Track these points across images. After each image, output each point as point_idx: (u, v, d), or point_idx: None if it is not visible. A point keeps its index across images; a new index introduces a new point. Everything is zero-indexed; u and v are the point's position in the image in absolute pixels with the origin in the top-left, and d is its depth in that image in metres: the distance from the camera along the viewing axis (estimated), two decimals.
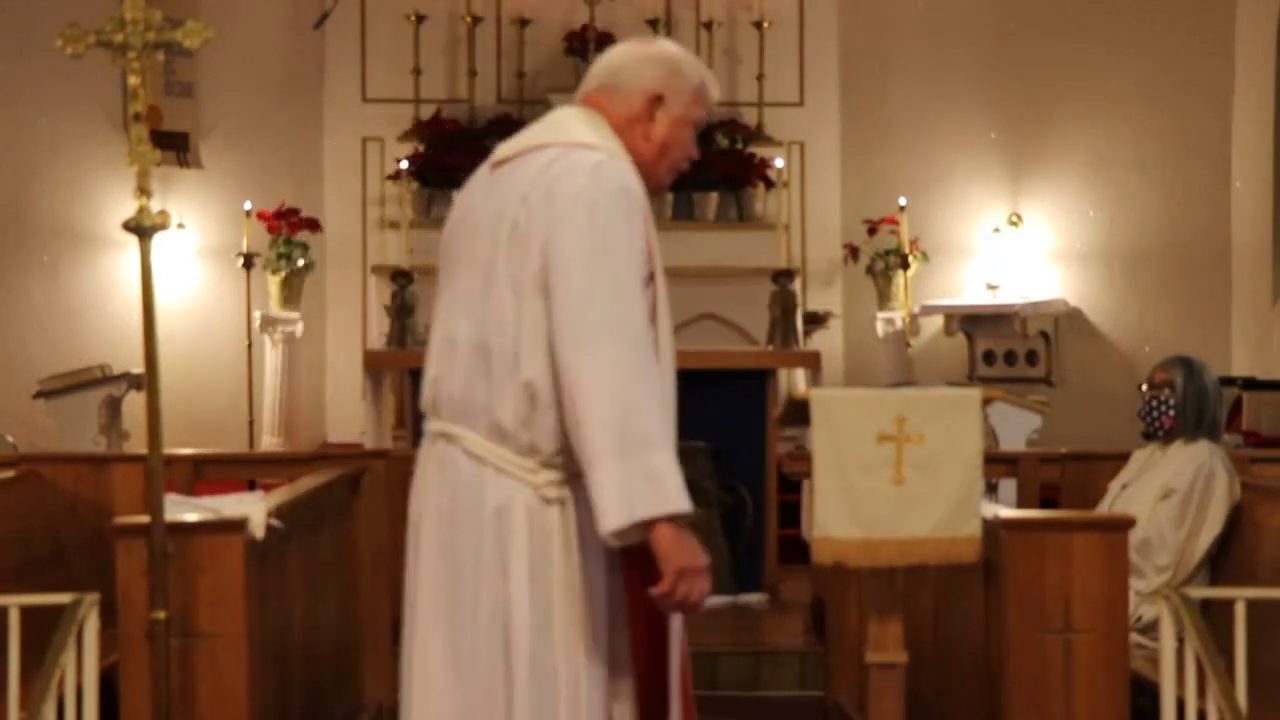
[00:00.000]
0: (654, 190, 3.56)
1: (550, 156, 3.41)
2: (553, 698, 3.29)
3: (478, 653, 3.33)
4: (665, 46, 3.65)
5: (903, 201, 11.73)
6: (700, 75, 3.64)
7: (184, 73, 11.67)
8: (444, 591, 3.39)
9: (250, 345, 11.42)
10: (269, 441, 11.40)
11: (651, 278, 3.36)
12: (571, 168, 3.37)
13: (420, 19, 12.01)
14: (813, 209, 12.36)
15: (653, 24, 12.19)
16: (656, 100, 3.56)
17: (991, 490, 7.24)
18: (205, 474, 6.70)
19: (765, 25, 12.17)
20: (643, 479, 3.16)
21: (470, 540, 3.36)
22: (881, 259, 12.02)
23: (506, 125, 11.74)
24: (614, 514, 3.16)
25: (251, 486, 8.03)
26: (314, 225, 11.70)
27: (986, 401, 4.57)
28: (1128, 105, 12.27)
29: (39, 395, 9.76)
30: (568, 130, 3.49)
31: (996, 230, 12.36)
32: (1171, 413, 5.85)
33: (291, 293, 11.66)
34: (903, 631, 4.61)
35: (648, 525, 3.16)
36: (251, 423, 11.32)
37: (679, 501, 3.17)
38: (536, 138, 3.50)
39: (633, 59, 3.59)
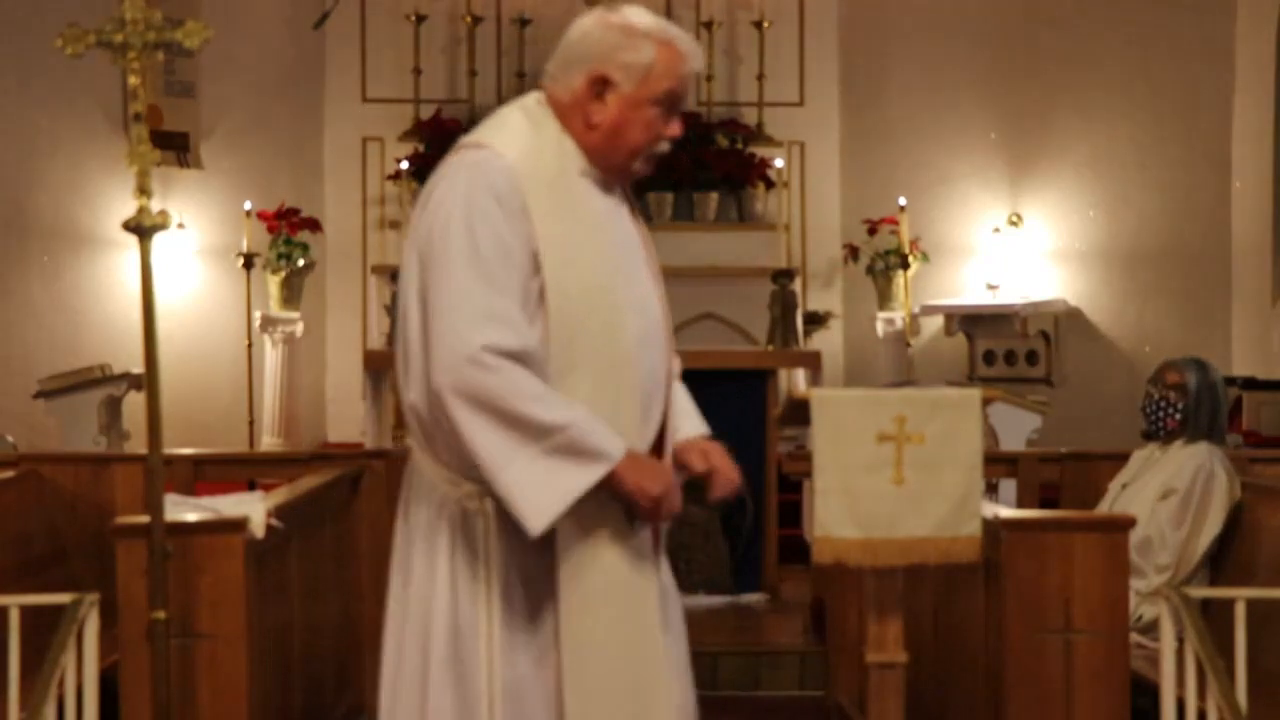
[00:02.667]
0: (616, 177, 3.35)
1: (451, 159, 3.33)
2: (475, 706, 3.23)
3: (410, 661, 3.29)
4: (621, 17, 3.31)
5: (903, 201, 11.73)
6: (660, 46, 3.28)
7: (184, 73, 11.66)
8: (394, 605, 3.38)
9: (250, 345, 11.43)
10: (269, 441, 11.40)
11: (538, 270, 3.19)
12: (447, 171, 3.29)
13: (420, 19, 12.01)
14: (813, 209, 12.36)
15: None
16: (600, 81, 3.28)
17: (991, 490, 7.24)
18: (205, 474, 6.70)
19: (765, 25, 12.17)
20: (563, 459, 3.13)
21: (406, 552, 3.35)
22: (881, 259, 12.02)
23: None
24: (544, 506, 3.14)
25: (251, 486, 8.03)
26: (314, 225, 11.70)
27: (986, 401, 4.57)
28: (1128, 105, 12.27)
29: (39, 395, 9.75)
30: (490, 126, 3.36)
31: (996, 230, 12.36)
32: (1178, 416, 5.84)
33: (291, 293, 11.66)
34: (903, 631, 4.61)
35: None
36: (251, 423, 11.32)
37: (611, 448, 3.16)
38: (464, 137, 3.41)
39: (582, 35, 3.32)
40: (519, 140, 3.29)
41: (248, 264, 11.31)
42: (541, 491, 3.12)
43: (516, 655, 3.24)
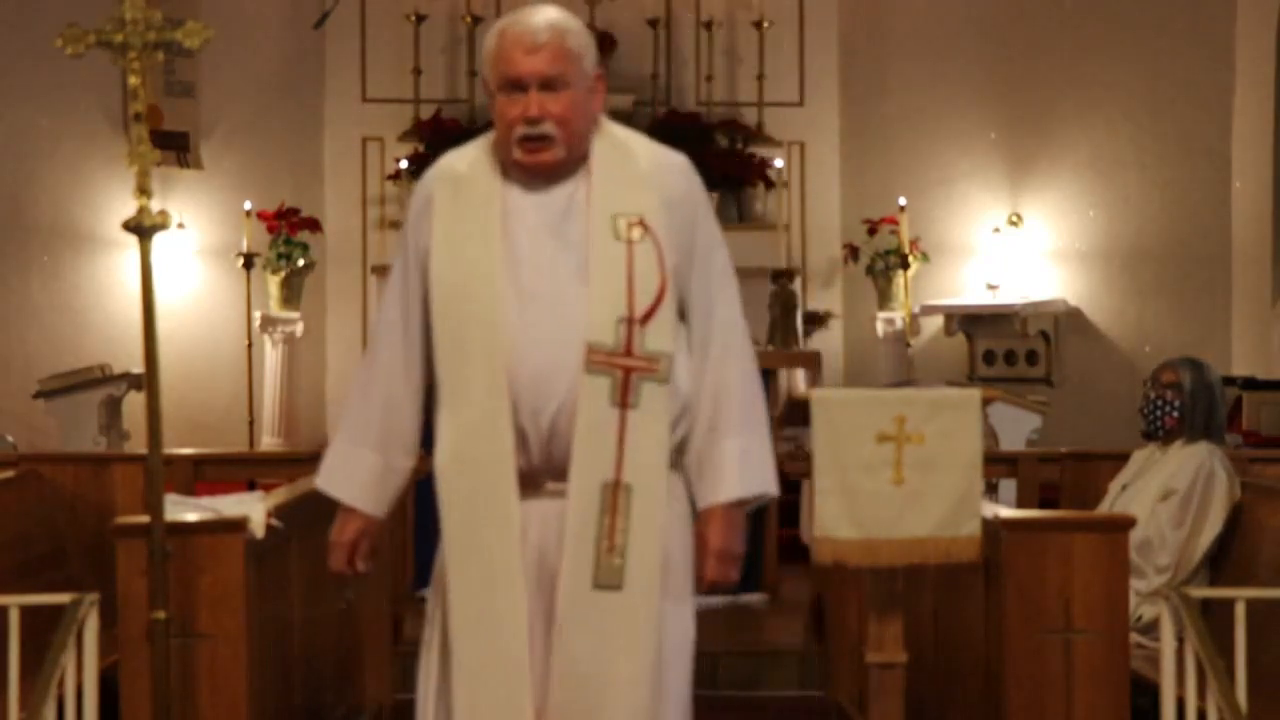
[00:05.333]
0: (520, 172, 3.43)
1: None
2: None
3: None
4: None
5: (903, 201, 11.73)
6: (493, 37, 3.43)
7: (184, 73, 11.66)
8: None
9: (250, 345, 11.43)
10: (269, 441, 11.40)
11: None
12: None
13: (420, 19, 12.01)
14: (813, 209, 12.36)
15: (653, 24, 12.19)
16: (485, 86, 3.49)
17: (991, 490, 7.24)
18: (205, 474, 6.70)
19: (765, 25, 12.16)
20: None
21: None
22: (881, 259, 12.01)
23: None
24: None
25: (251, 486, 8.03)
26: (314, 225, 11.70)
27: (986, 401, 4.58)
28: (1128, 105, 12.27)
29: (39, 395, 9.76)
30: None
31: (996, 230, 12.36)
32: (1175, 414, 5.85)
33: (291, 293, 11.66)
34: (903, 631, 4.61)
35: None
36: (251, 423, 11.32)
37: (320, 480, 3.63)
38: None
39: None
40: (468, 147, 3.54)
41: (248, 264, 11.31)
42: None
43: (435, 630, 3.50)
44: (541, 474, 3.40)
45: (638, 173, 3.46)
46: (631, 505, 3.38)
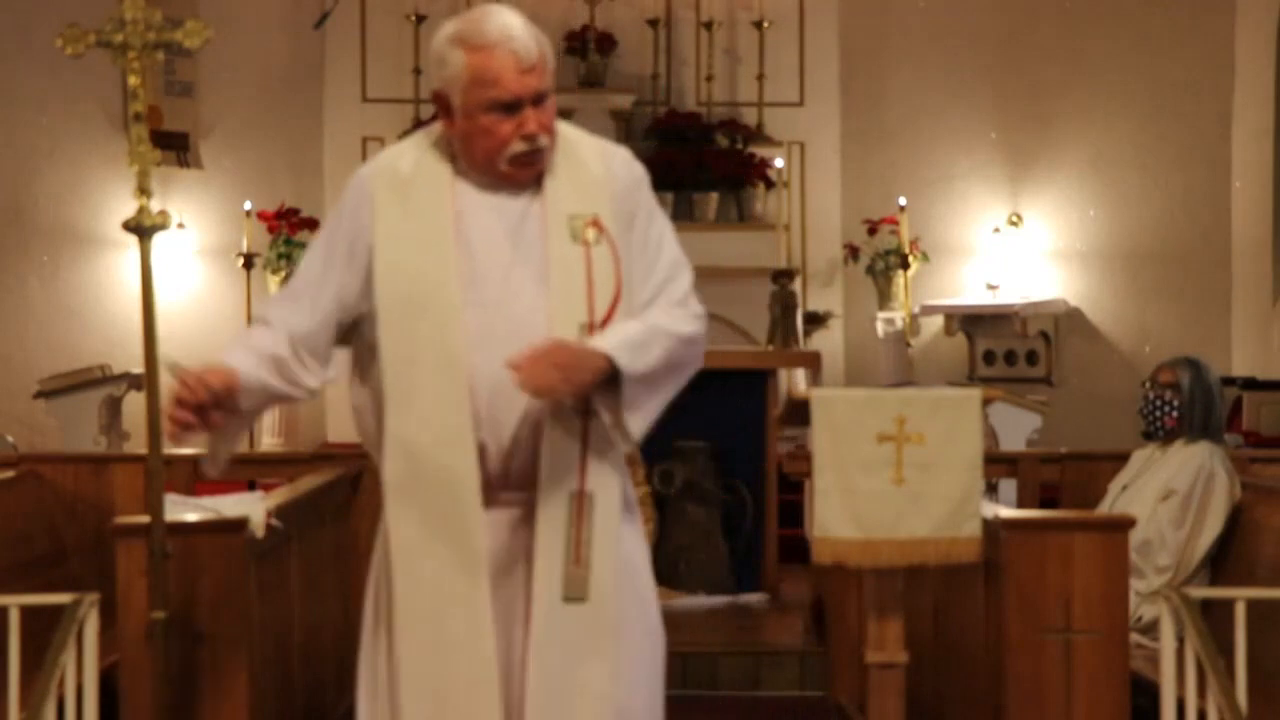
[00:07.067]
0: (498, 180, 3.28)
1: None
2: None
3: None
4: (446, 27, 3.29)
5: (903, 201, 11.74)
6: (468, 54, 3.23)
7: (184, 73, 11.67)
8: None
9: None
10: (269, 441, 11.40)
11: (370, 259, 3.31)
12: None
13: (420, 19, 12.01)
14: (813, 209, 12.36)
15: (653, 24, 12.20)
16: (438, 98, 3.29)
17: (991, 490, 7.24)
18: (205, 474, 6.68)
19: (765, 25, 12.17)
20: None
21: None
22: (881, 259, 12.02)
23: None
24: None
25: (251, 486, 8.02)
26: (314, 225, 11.69)
27: (986, 401, 4.58)
28: (1128, 105, 12.27)
29: (39, 395, 9.76)
30: None
31: (996, 230, 12.37)
32: (1175, 414, 5.85)
33: None
34: (903, 631, 4.61)
35: None
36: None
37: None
38: None
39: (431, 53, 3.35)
40: (404, 146, 3.39)
41: (248, 264, 11.31)
42: None
43: (370, 633, 3.49)
44: (496, 485, 3.27)
45: (590, 173, 3.33)
46: (595, 514, 3.26)
